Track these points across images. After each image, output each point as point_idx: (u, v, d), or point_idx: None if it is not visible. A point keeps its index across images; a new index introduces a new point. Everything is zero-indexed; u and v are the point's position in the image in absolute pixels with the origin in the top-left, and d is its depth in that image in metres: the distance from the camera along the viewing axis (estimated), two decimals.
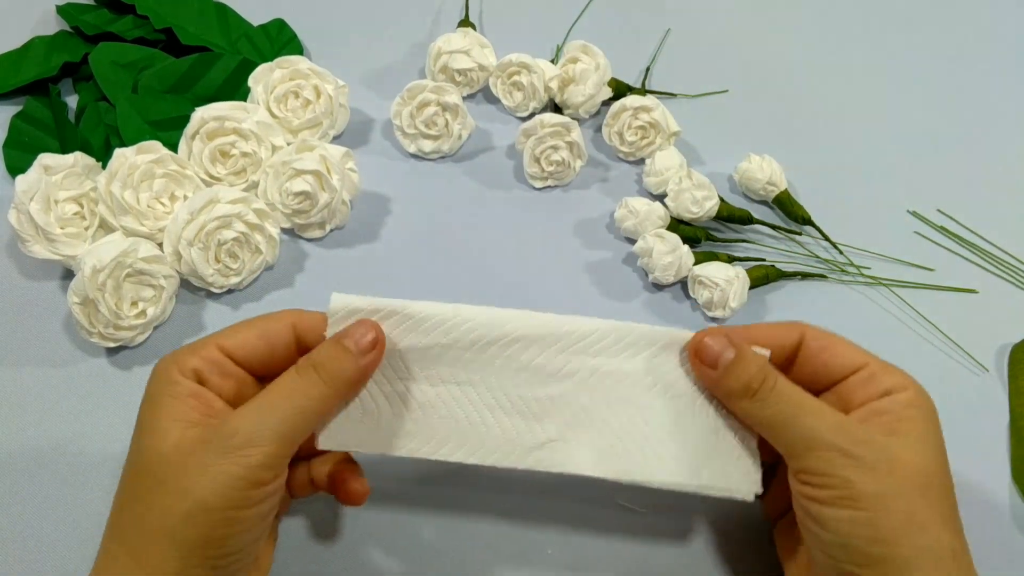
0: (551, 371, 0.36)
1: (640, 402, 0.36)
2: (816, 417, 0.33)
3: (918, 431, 0.33)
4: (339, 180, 0.48)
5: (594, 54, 0.54)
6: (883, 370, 0.35)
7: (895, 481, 0.31)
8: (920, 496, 0.31)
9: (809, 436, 0.32)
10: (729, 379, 0.34)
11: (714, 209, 0.50)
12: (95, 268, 0.42)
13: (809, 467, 0.32)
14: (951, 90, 0.60)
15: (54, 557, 0.40)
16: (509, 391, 0.35)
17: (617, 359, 0.36)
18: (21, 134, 0.52)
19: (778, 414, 0.33)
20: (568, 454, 0.35)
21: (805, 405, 0.33)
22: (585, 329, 0.36)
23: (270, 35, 0.57)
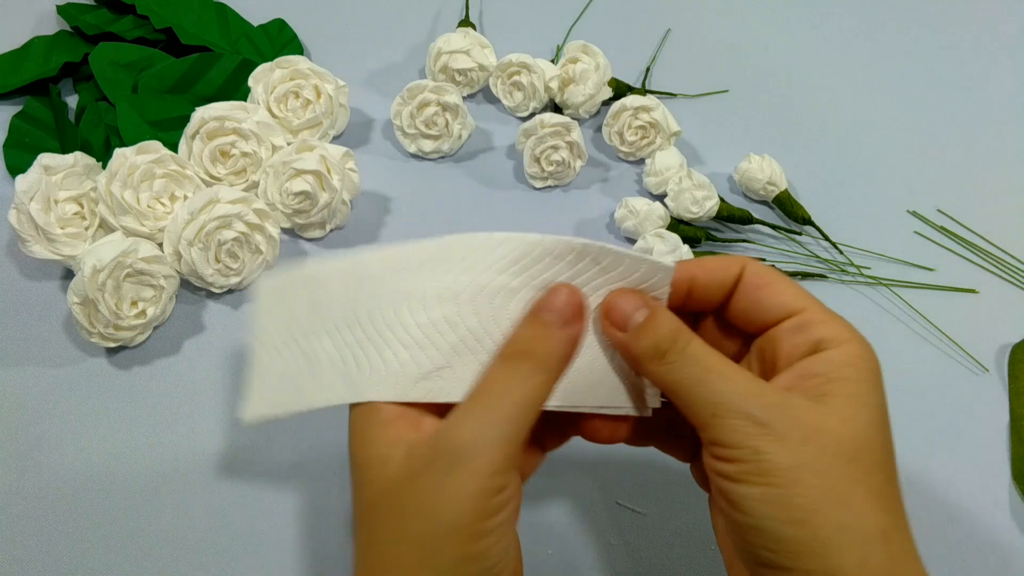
0: (434, 293, 0.32)
1: None
2: (726, 381, 0.29)
3: (849, 394, 0.29)
4: (339, 180, 0.48)
5: (594, 54, 0.54)
6: (821, 319, 0.31)
7: (812, 451, 0.28)
8: (842, 468, 0.28)
9: (716, 401, 0.29)
10: (638, 342, 0.31)
11: (714, 209, 0.50)
12: (95, 268, 0.42)
13: (717, 437, 0.29)
14: (951, 90, 0.60)
15: (55, 557, 0.40)
16: (392, 322, 0.32)
17: (506, 274, 0.32)
18: (21, 134, 0.52)
19: (686, 378, 0.30)
20: (456, 381, 0.31)
21: (715, 368, 0.30)
22: (465, 245, 0.32)
23: (270, 35, 0.57)
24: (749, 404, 0.28)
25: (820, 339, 0.30)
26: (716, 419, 0.29)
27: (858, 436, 0.28)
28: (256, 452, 0.44)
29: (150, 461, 0.43)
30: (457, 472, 0.27)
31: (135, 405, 0.45)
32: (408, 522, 0.28)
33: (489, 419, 0.29)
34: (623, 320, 0.31)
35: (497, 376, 0.30)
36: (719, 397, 0.29)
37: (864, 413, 0.29)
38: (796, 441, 0.28)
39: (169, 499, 0.42)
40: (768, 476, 0.28)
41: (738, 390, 0.29)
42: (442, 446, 0.28)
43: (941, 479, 0.45)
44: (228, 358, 0.46)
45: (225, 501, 0.42)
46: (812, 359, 0.30)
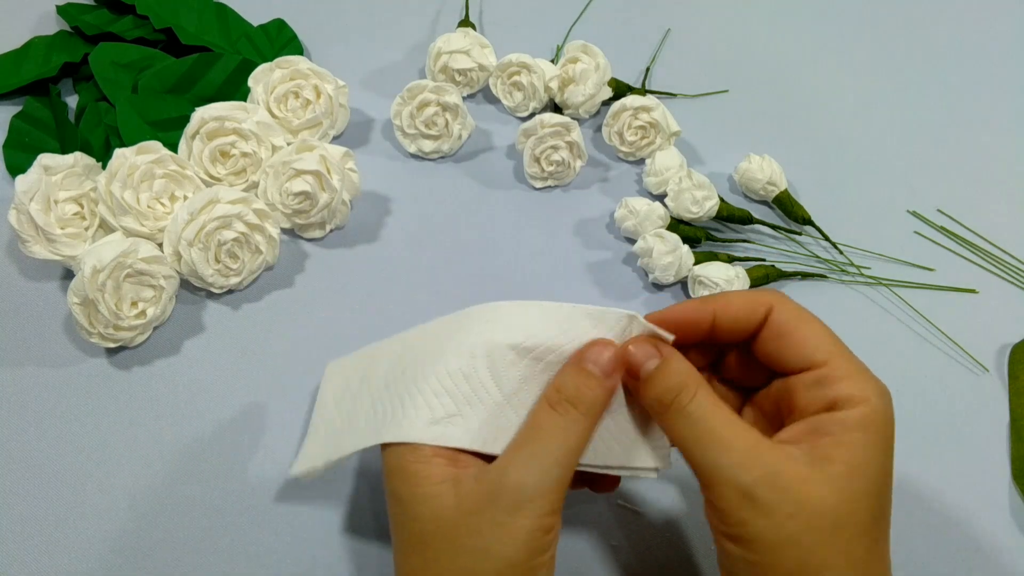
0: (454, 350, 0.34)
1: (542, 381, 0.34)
2: (722, 448, 0.30)
3: (852, 462, 0.29)
4: (339, 180, 0.48)
5: (594, 54, 0.54)
6: (841, 375, 0.31)
7: (795, 526, 0.29)
8: (824, 540, 0.29)
9: (711, 468, 0.30)
10: (648, 391, 0.32)
11: (714, 209, 0.50)
12: (95, 268, 0.42)
13: (710, 498, 0.30)
14: (951, 90, 0.60)
15: (55, 557, 0.40)
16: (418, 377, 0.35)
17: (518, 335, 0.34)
18: (21, 134, 0.52)
19: (687, 437, 0.31)
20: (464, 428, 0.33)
21: (714, 432, 0.30)
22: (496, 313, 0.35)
23: (270, 35, 0.57)
24: (741, 475, 0.29)
25: (836, 398, 0.31)
26: (711, 485, 0.30)
27: (847, 506, 0.29)
28: (257, 453, 0.44)
29: (150, 461, 0.43)
30: (520, 512, 0.30)
31: (135, 405, 0.45)
32: (464, 557, 0.30)
33: (545, 463, 0.31)
34: (636, 368, 0.33)
35: (546, 422, 0.32)
36: (713, 464, 0.30)
37: (861, 483, 0.29)
38: (782, 516, 0.29)
39: (169, 499, 0.42)
40: (750, 544, 0.29)
41: (732, 461, 0.29)
42: (501, 488, 0.30)
43: (941, 479, 0.45)
44: (228, 358, 0.46)
45: (225, 501, 0.42)
46: (825, 418, 0.31)
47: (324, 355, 0.46)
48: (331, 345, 0.47)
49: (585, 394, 0.32)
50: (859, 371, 0.31)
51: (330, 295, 0.49)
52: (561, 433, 0.31)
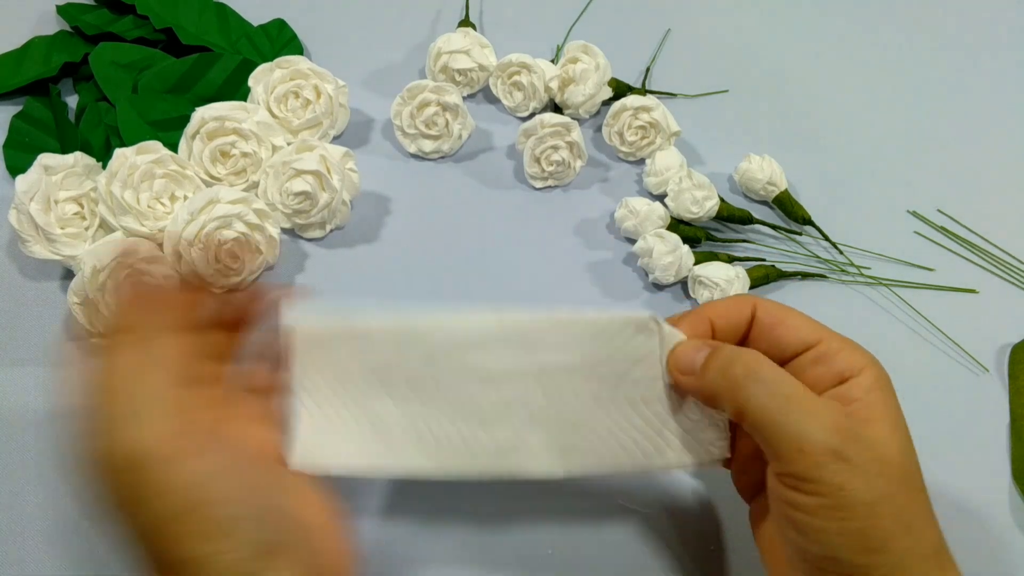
0: (501, 372, 0.34)
1: (597, 394, 0.34)
2: (805, 413, 0.30)
3: (887, 418, 0.31)
4: (339, 180, 0.48)
5: (594, 54, 0.54)
6: (837, 348, 0.33)
7: (884, 484, 0.29)
8: (905, 494, 0.30)
9: (801, 436, 0.29)
10: (706, 377, 0.32)
11: (714, 209, 0.50)
12: (95, 268, 0.42)
13: (799, 471, 0.29)
14: (951, 90, 0.60)
15: (55, 557, 0.40)
16: (464, 399, 0.34)
17: (566, 354, 0.34)
18: (21, 134, 0.52)
19: (767, 407, 0.30)
20: (529, 456, 0.34)
21: (796, 397, 0.30)
22: (526, 326, 0.34)
23: (270, 35, 0.57)
24: (834, 439, 0.29)
25: (842, 368, 0.32)
26: (801, 454, 0.29)
27: (907, 459, 0.31)
28: None
29: None
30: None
31: None
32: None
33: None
34: (689, 364, 0.33)
35: None
36: (804, 431, 0.29)
37: (902, 435, 0.31)
38: (874, 475, 0.29)
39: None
40: (848, 510, 0.29)
41: (822, 424, 0.29)
42: None
43: (941, 479, 0.45)
44: None
45: None
46: (845, 387, 0.32)
47: None
48: None
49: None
50: (850, 344, 0.33)
51: (330, 295, 0.49)
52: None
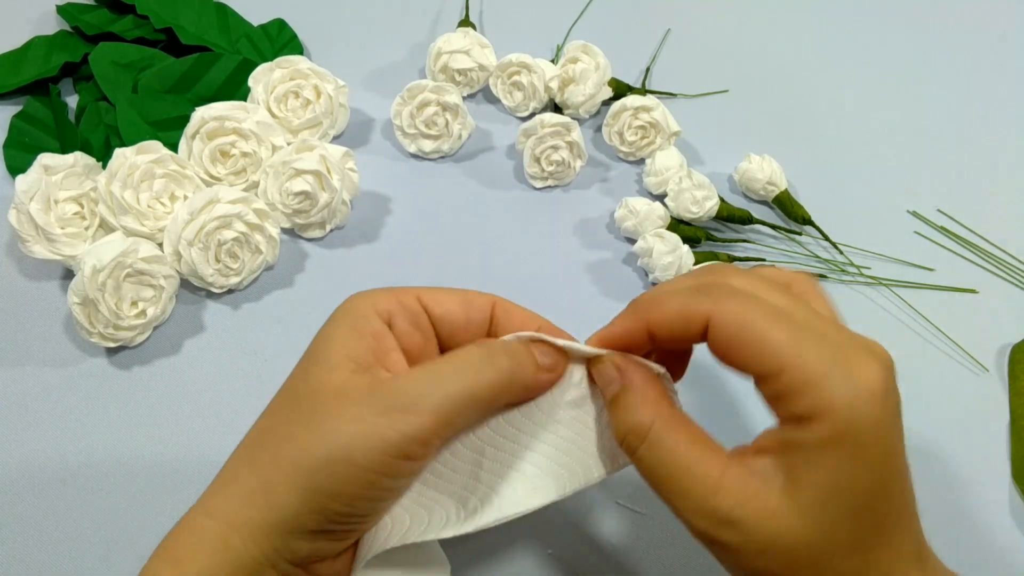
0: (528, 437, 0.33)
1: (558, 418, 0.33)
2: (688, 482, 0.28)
3: (824, 483, 0.26)
4: (339, 180, 0.48)
5: (594, 54, 0.54)
6: (799, 386, 0.26)
7: (769, 562, 0.27)
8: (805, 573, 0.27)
9: (678, 507, 0.28)
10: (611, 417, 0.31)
11: (714, 209, 0.50)
12: (95, 268, 0.42)
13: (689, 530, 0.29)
14: (951, 90, 0.60)
15: (54, 556, 0.40)
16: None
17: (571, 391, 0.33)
18: (21, 134, 0.52)
19: (648, 473, 0.29)
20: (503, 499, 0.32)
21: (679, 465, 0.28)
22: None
23: (270, 35, 0.57)
24: (702, 520, 0.28)
25: (799, 414, 0.26)
26: (683, 520, 0.29)
27: (823, 535, 0.26)
28: None
29: (150, 461, 0.43)
30: (386, 417, 0.28)
31: (135, 405, 0.45)
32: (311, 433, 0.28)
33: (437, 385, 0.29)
34: (603, 388, 0.32)
35: (465, 354, 0.30)
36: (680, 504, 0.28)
37: (836, 508, 0.26)
38: (755, 553, 0.27)
39: (169, 499, 0.42)
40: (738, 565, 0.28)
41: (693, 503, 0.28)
42: (388, 387, 0.29)
43: (941, 479, 0.45)
44: (228, 358, 0.46)
45: None
46: (795, 431, 0.26)
47: None
48: None
49: (518, 357, 0.30)
50: (820, 376, 0.25)
51: (330, 295, 0.49)
52: (470, 367, 0.29)
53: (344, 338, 0.30)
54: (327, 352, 0.30)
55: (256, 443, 0.30)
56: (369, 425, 0.28)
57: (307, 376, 0.30)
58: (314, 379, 0.29)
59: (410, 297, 0.32)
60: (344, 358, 0.29)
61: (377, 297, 0.31)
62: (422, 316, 0.32)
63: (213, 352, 0.46)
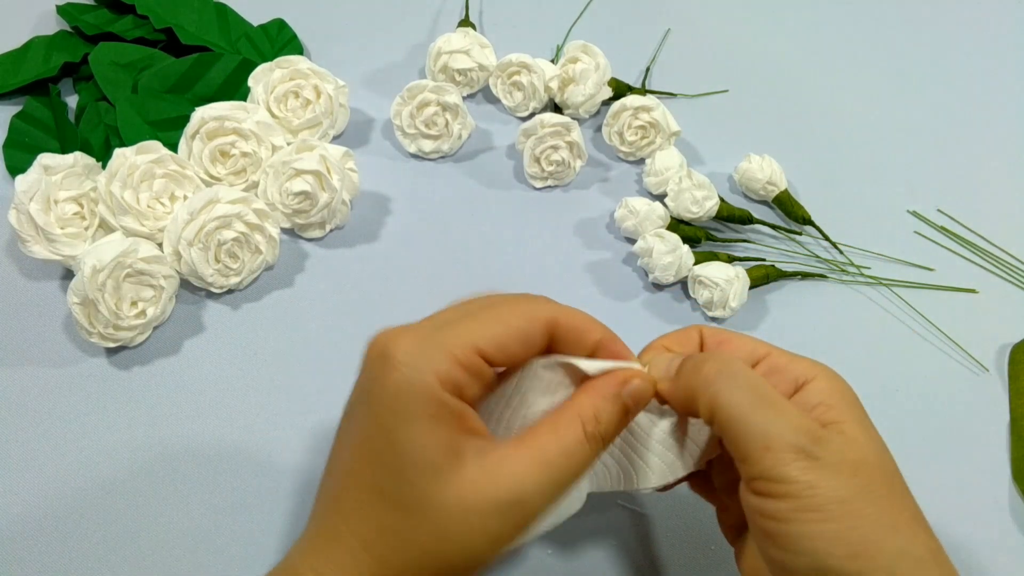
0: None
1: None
2: (777, 412, 0.29)
3: (855, 419, 0.30)
4: (339, 180, 0.48)
5: (594, 54, 0.54)
6: (787, 359, 0.32)
7: (861, 483, 0.28)
8: (886, 495, 0.28)
9: (768, 433, 0.28)
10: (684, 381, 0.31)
11: (714, 209, 0.50)
12: (95, 268, 0.42)
13: (768, 471, 0.28)
14: (951, 90, 0.60)
15: (55, 557, 0.40)
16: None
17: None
18: (21, 134, 0.52)
19: (736, 405, 0.29)
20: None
21: (766, 397, 0.29)
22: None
23: (270, 35, 0.57)
24: (801, 438, 0.28)
25: (797, 376, 0.31)
26: (768, 452, 0.28)
27: (884, 461, 0.29)
28: (257, 453, 0.44)
29: (150, 461, 0.43)
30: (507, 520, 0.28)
31: (135, 405, 0.45)
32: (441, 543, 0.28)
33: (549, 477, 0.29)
34: (665, 371, 0.32)
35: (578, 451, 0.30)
36: (771, 429, 0.28)
37: (874, 437, 0.30)
38: (846, 474, 0.28)
39: (169, 499, 0.42)
40: (821, 511, 0.27)
41: (789, 423, 0.28)
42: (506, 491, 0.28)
43: (941, 479, 0.45)
44: (228, 358, 0.46)
45: (225, 501, 0.42)
46: (804, 392, 0.31)
47: (324, 355, 0.46)
48: (331, 345, 0.47)
49: (614, 429, 0.31)
50: (799, 357, 0.32)
51: (330, 295, 0.49)
52: (585, 464, 0.30)
53: (430, 431, 0.28)
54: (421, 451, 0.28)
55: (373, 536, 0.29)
56: (495, 533, 0.28)
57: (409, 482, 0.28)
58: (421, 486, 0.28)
59: (469, 354, 0.29)
60: (443, 456, 0.28)
61: (437, 366, 0.28)
62: (485, 369, 0.30)
63: (213, 352, 0.46)
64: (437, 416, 0.28)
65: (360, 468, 0.29)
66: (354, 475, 0.29)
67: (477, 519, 0.28)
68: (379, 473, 0.29)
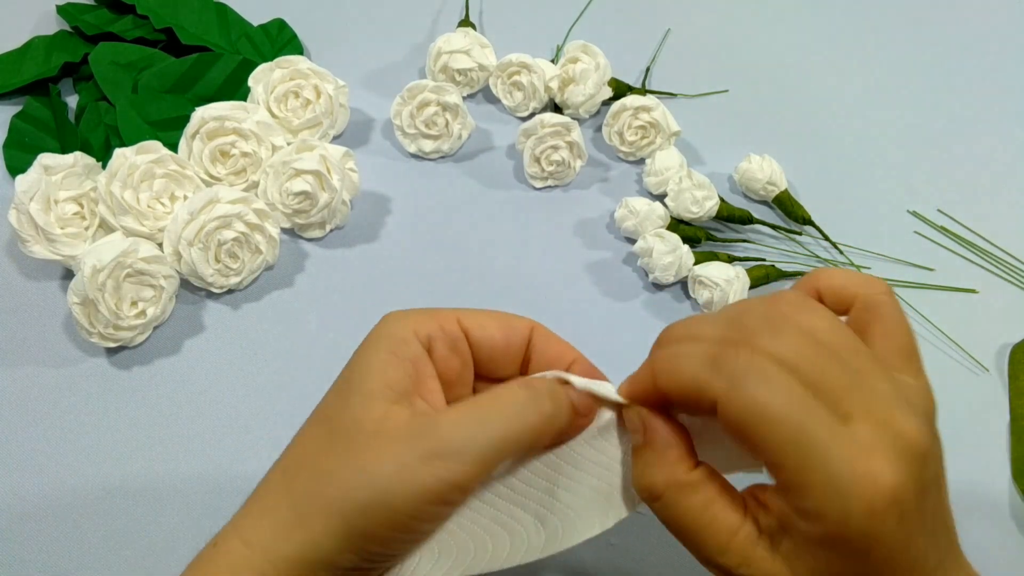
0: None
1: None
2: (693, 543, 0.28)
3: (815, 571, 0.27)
4: (339, 180, 0.48)
5: (594, 54, 0.54)
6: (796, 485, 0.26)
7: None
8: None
9: (691, 552, 0.28)
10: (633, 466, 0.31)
11: (714, 209, 0.50)
12: (95, 268, 0.42)
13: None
14: (951, 90, 0.60)
15: (55, 557, 0.40)
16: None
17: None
18: (21, 134, 0.52)
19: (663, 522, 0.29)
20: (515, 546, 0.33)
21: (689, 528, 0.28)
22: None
23: (270, 35, 0.57)
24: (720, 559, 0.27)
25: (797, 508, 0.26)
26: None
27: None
28: (257, 453, 0.44)
29: (150, 461, 0.43)
30: (429, 464, 0.27)
31: (135, 405, 0.45)
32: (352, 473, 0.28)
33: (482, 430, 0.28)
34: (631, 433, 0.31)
35: (509, 395, 0.29)
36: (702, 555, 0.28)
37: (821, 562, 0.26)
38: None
39: (169, 499, 0.42)
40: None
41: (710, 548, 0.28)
42: (431, 432, 0.28)
43: None
44: (228, 358, 0.46)
45: (225, 502, 0.42)
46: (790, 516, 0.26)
47: (324, 355, 0.46)
48: (331, 345, 0.47)
49: (558, 401, 0.30)
50: (816, 485, 0.25)
51: (330, 295, 0.49)
52: (513, 409, 0.29)
53: (383, 364, 0.29)
54: (365, 380, 0.29)
55: (292, 472, 0.30)
56: (410, 471, 0.27)
57: (345, 404, 0.29)
58: (352, 409, 0.29)
59: (450, 321, 0.31)
60: (383, 386, 0.29)
61: (417, 319, 0.30)
62: (462, 341, 0.31)
63: (213, 352, 0.46)
64: (397, 352, 0.29)
65: (313, 419, 0.30)
66: (304, 432, 0.30)
67: (403, 460, 0.27)
68: (329, 401, 0.30)
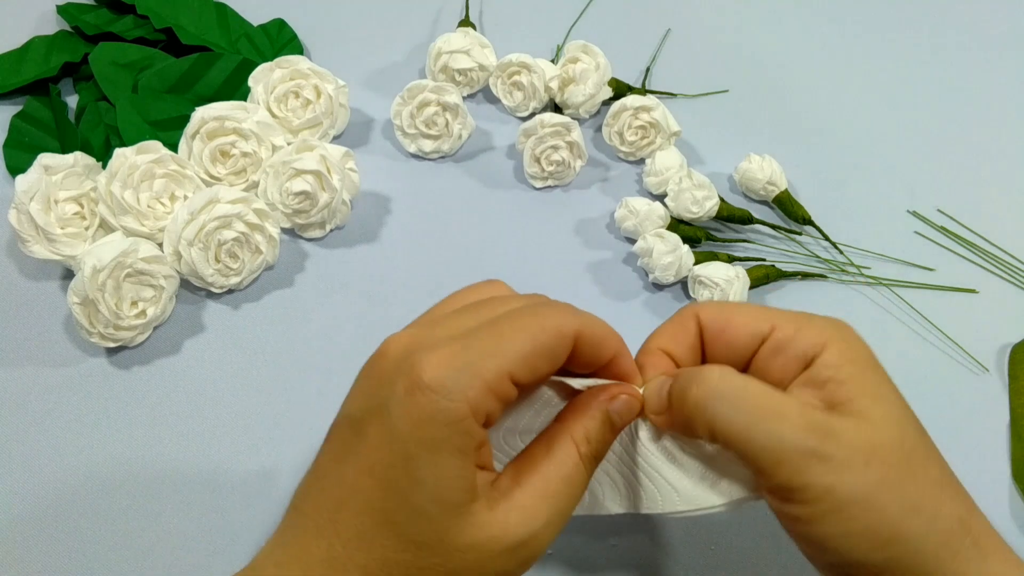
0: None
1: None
2: (778, 420, 0.28)
3: (868, 391, 0.29)
4: (339, 180, 0.48)
5: (594, 54, 0.54)
6: (795, 330, 0.30)
7: (878, 470, 0.27)
8: (905, 477, 0.28)
9: (776, 446, 0.28)
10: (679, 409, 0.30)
11: (714, 209, 0.50)
12: (95, 268, 0.42)
13: (782, 482, 0.28)
14: (951, 90, 0.60)
15: (55, 557, 0.40)
16: None
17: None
18: (21, 134, 0.52)
19: (735, 422, 0.28)
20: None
21: (763, 408, 0.28)
22: None
23: (270, 35, 0.57)
24: (809, 439, 0.27)
25: (804, 350, 0.30)
26: (780, 465, 0.28)
27: (900, 433, 0.28)
28: (257, 453, 0.44)
29: (150, 461, 0.43)
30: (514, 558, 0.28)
31: (135, 405, 0.45)
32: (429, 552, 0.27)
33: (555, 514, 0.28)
34: (658, 404, 0.31)
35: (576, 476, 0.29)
36: (776, 439, 0.28)
37: (888, 406, 0.29)
38: (861, 466, 0.27)
39: (169, 499, 0.42)
40: (843, 512, 0.27)
41: (793, 426, 0.28)
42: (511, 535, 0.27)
43: None
44: (228, 358, 0.46)
45: (225, 501, 0.42)
46: (813, 369, 0.30)
47: (324, 355, 0.46)
48: (331, 345, 0.47)
49: (604, 448, 0.30)
50: (807, 322, 0.30)
51: (330, 295, 0.49)
52: (583, 487, 0.29)
53: (450, 466, 0.26)
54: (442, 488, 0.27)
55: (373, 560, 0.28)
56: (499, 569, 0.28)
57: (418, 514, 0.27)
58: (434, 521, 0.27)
59: (502, 379, 0.27)
60: (458, 491, 0.27)
61: (471, 394, 0.26)
62: (513, 395, 0.28)
63: (213, 352, 0.46)
64: (463, 449, 0.26)
65: (369, 492, 0.27)
66: (360, 498, 0.27)
67: (488, 560, 0.27)
68: (392, 503, 0.27)
